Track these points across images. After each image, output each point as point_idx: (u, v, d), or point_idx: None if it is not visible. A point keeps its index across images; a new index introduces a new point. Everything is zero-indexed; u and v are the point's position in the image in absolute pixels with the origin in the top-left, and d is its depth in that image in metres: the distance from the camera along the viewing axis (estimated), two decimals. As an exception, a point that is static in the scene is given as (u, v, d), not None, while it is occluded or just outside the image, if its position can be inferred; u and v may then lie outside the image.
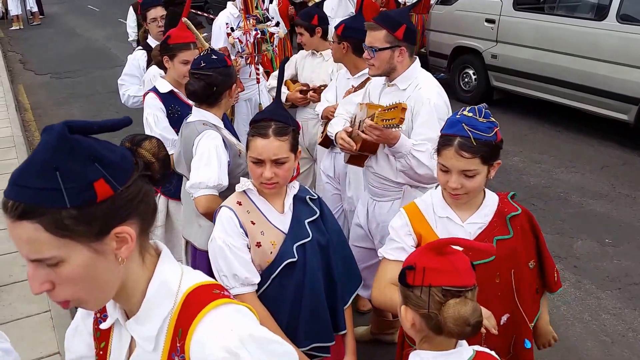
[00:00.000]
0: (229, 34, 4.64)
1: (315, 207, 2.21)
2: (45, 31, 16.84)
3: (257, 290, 2.10)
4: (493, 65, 7.99)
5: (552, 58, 7.15)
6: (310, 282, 2.10)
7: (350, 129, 2.93)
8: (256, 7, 4.70)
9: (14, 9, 17.17)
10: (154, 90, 3.22)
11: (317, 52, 4.11)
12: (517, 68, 7.64)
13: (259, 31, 4.52)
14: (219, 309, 1.14)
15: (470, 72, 8.45)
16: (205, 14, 4.98)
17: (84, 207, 1.00)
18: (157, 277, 1.18)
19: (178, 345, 1.14)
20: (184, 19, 3.26)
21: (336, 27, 3.53)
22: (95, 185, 1.00)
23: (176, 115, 3.18)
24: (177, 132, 3.01)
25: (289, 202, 2.16)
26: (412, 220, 2.10)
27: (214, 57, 2.70)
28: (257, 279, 2.07)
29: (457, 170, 1.94)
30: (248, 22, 4.51)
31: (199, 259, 2.68)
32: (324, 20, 4.05)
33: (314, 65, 4.15)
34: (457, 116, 2.00)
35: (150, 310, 1.16)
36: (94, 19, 18.75)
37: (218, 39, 5.11)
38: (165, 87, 3.20)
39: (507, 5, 7.72)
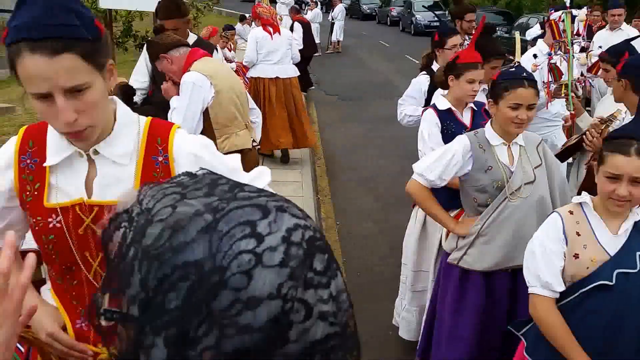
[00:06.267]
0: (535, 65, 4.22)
1: None
2: (339, 60, 18.78)
3: (561, 300, 2.07)
4: None
5: None
6: (632, 315, 1.97)
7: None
8: (564, 31, 4.12)
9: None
10: (433, 106, 3.40)
11: None
12: None
13: (564, 57, 4.06)
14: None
15: None
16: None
17: (96, 40, 1.32)
18: (121, 107, 1.53)
19: (160, 147, 1.52)
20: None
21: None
22: (95, 22, 1.33)
23: (450, 132, 3.28)
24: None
25: (626, 226, 2.04)
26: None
27: None
28: (560, 288, 2.04)
29: None
30: (557, 48, 4.10)
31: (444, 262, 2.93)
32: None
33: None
34: None
35: (121, 131, 1.50)
36: (383, 53, 20.26)
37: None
38: (444, 104, 3.34)
39: None
